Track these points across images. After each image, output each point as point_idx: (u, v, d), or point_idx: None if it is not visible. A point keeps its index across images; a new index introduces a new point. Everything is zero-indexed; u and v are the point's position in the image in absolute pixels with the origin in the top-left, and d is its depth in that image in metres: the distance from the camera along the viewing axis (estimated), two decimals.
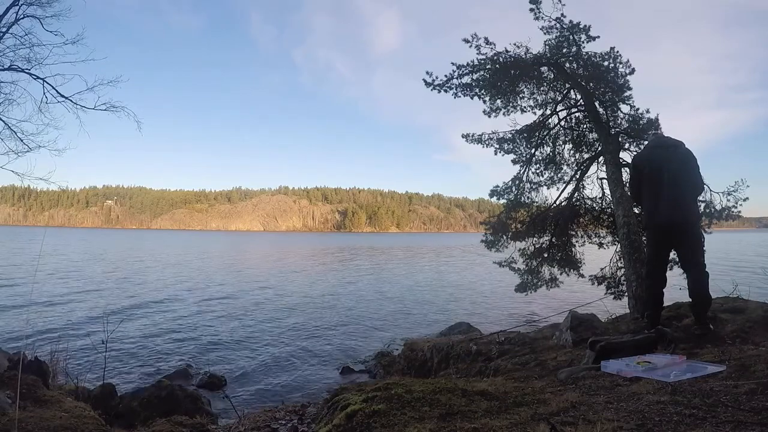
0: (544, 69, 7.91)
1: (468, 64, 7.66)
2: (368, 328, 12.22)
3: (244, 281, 22.35)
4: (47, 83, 6.94)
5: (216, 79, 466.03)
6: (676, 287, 4.42)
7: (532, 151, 8.55)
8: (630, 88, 7.59)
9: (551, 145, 8.60)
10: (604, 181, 7.90)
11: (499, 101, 8.21)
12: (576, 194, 8.55)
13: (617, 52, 7.54)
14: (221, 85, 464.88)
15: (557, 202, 8.69)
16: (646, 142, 4.92)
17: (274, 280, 22.84)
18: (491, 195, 9.02)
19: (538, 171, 8.72)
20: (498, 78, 7.68)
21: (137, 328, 11.27)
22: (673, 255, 4.28)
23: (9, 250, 39.02)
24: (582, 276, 8.82)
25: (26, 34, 6.65)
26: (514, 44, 7.56)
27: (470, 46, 7.51)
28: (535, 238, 8.81)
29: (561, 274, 8.97)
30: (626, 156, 7.43)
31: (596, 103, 7.71)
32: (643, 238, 6.00)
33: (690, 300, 3.70)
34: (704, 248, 3.78)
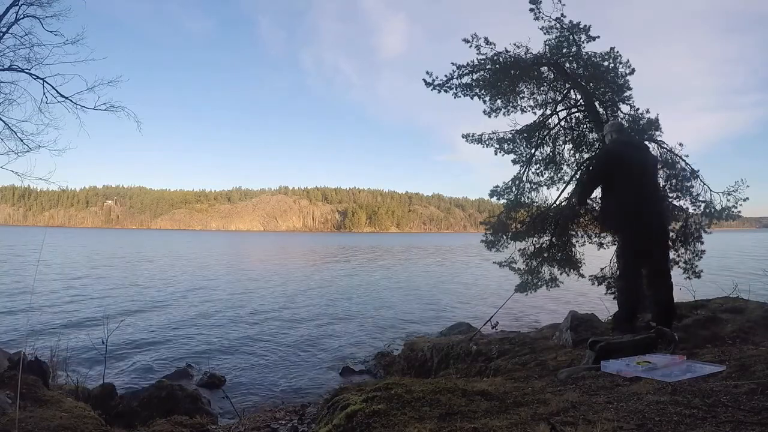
0: (544, 69, 7.90)
1: (468, 64, 7.65)
2: (368, 328, 12.21)
3: (244, 281, 22.34)
4: (47, 83, 6.98)
5: (222, 80, 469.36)
6: (675, 287, 4.40)
7: (532, 151, 8.53)
8: (630, 88, 7.58)
9: (551, 145, 8.58)
10: None
11: (499, 101, 8.20)
12: None
13: (617, 52, 7.52)
14: (226, 86, 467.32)
15: (557, 202, 8.68)
16: (612, 130, 4.39)
17: (273, 280, 22.83)
18: (491, 195, 9.00)
19: (538, 171, 8.69)
20: (498, 78, 7.67)
21: (137, 328, 11.26)
22: None
23: (9, 251, 39.00)
24: (582, 276, 8.81)
25: (26, 34, 6.69)
26: (514, 44, 7.54)
27: (470, 46, 7.50)
28: (535, 238, 8.79)
29: (561, 274, 8.95)
30: None
31: (596, 103, 7.70)
32: (615, 238, 5.81)
33: (656, 310, 3.56)
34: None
